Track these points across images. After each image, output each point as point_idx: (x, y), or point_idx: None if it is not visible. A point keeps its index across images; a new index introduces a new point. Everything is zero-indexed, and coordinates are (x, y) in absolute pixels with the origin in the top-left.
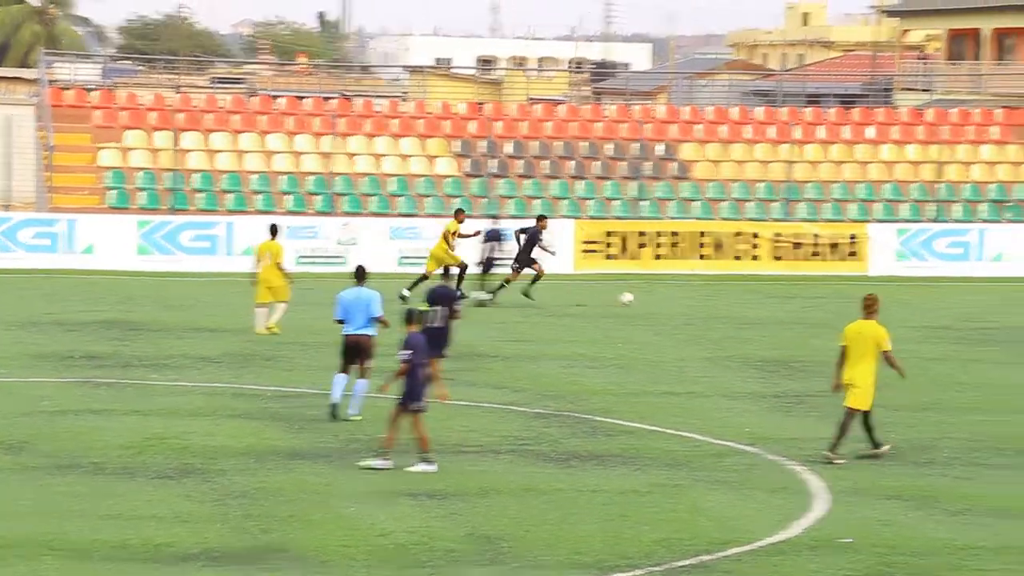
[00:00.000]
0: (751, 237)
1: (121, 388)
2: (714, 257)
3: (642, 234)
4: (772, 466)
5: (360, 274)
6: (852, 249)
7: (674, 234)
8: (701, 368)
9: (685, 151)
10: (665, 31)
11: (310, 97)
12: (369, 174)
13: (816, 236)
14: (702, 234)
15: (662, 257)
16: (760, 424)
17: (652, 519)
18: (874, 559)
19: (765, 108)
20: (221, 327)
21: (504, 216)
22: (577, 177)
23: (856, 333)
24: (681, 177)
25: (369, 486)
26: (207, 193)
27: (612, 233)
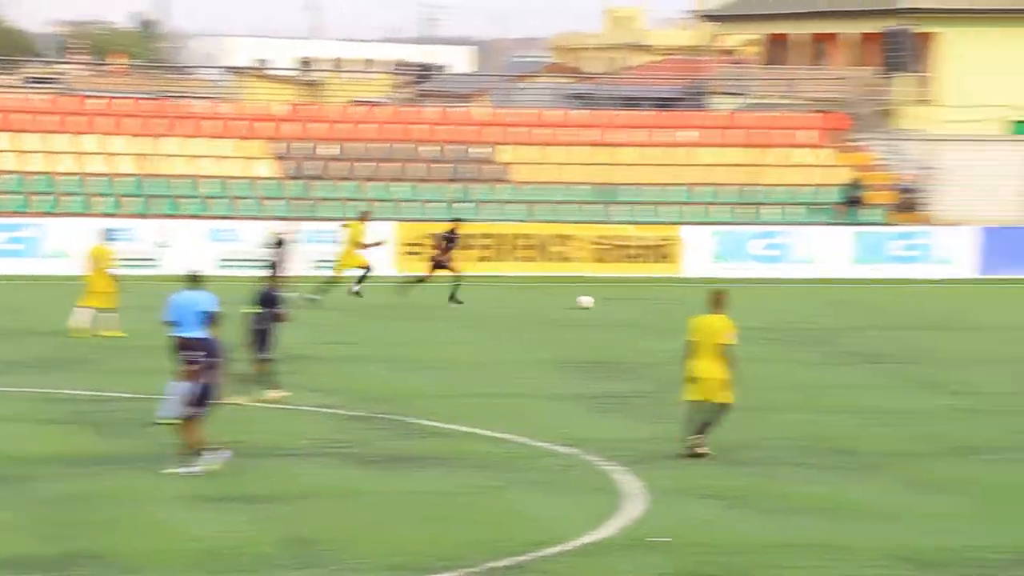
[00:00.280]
0: (570, 239)
1: None
2: (534, 259)
3: (462, 236)
4: (589, 467)
5: (193, 278)
6: (668, 251)
7: (495, 236)
8: (521, 369)
9: (505, 154)
10: (490, 34)
11: (126, 98)
12: (186, 176)
13: (633, 238)
14: (522, 236)
15: (484, 259)
16: (578, 425)
17: (469, 520)
18: (689, 558)
19: (584, 111)
20: (32, 330)
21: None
22: (398, 179)
23: (701, 327)
24: (501, 179)
25: (181, 491)
26: (19, 195)
27: (434, 235)
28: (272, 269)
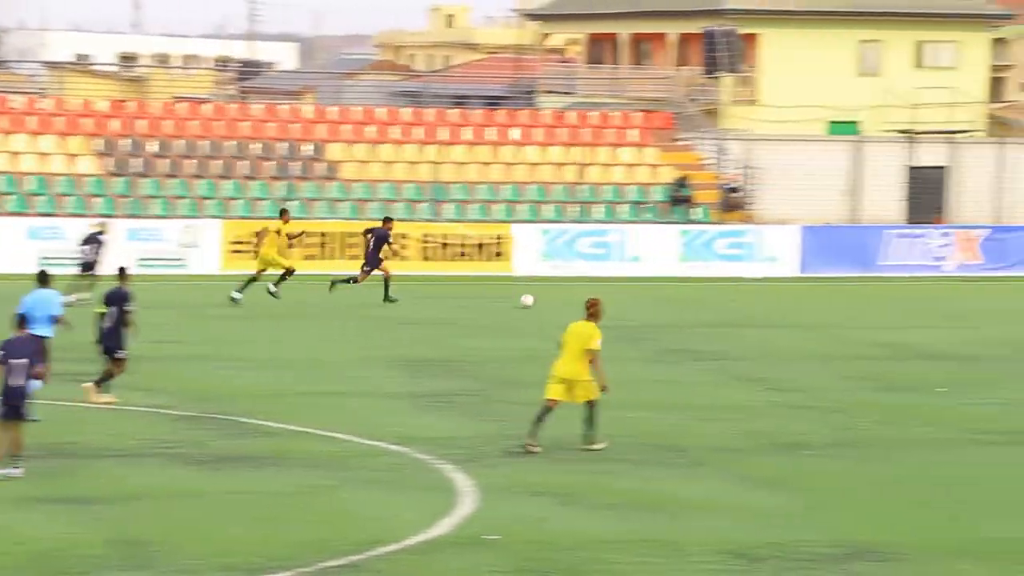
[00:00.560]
0: (400, 237)
1: None
2: (363, 257)
3: (290, 234)
4: (421, 465)
5: (43, 277)
6: (498, 249)
7: (323, 234)
8: (352, 368)
9: (333, 151)
10: (313, 31)
11: None
12: (5, 172)
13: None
14: (351, 235)
15: (312, 257)
16: (410, 424)
17: (301, 520)
18: (520, 555)
19: (412, 109)
20: None
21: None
22: (224, 177)
23: (571, 331)
24: (329, 177)
25: (6, 493)
26: None
27: (260, 233)
28: (84, 268)
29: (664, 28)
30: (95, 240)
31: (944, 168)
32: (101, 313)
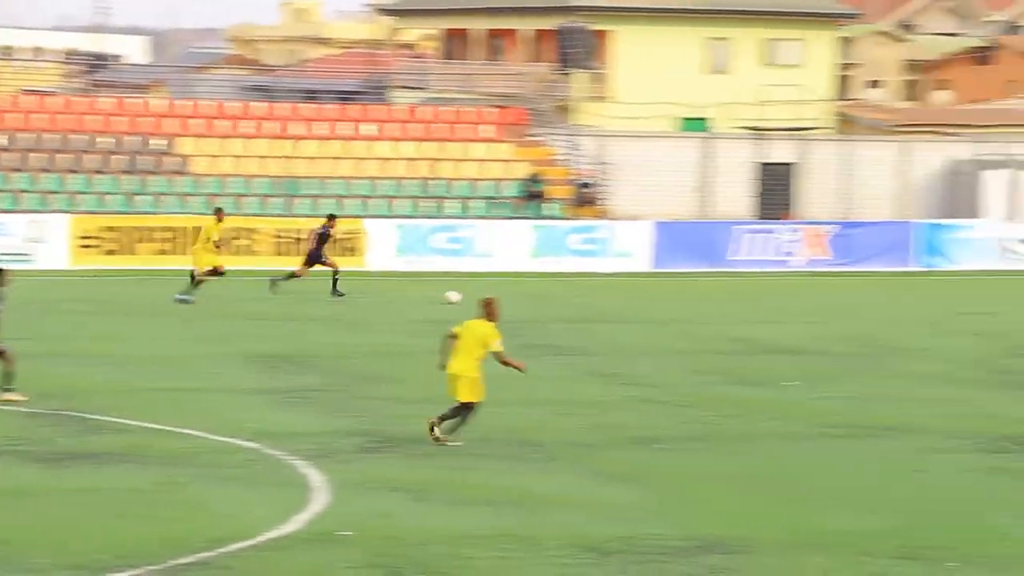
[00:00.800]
0: (251, 232)
1: None
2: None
3: (140, 229)
4: (274, 461)
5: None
6: (351, 244)
7: (174, 229)
8: (205, 364)
9: (183, 145)
10: (163, 24)
11: None
12: None
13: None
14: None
15: (163, 252)
16: (262, 419)
17: (151, 517)
18: (374, 551)
19: (264, 103)
20: None
21: None
22: (72, 171)
23: (466, 328)
24: (180, 172)
25: None
26: None
27: (111, 228)
28: None
29: (517, 24)
30: None
31: (792, 165)
32: None
